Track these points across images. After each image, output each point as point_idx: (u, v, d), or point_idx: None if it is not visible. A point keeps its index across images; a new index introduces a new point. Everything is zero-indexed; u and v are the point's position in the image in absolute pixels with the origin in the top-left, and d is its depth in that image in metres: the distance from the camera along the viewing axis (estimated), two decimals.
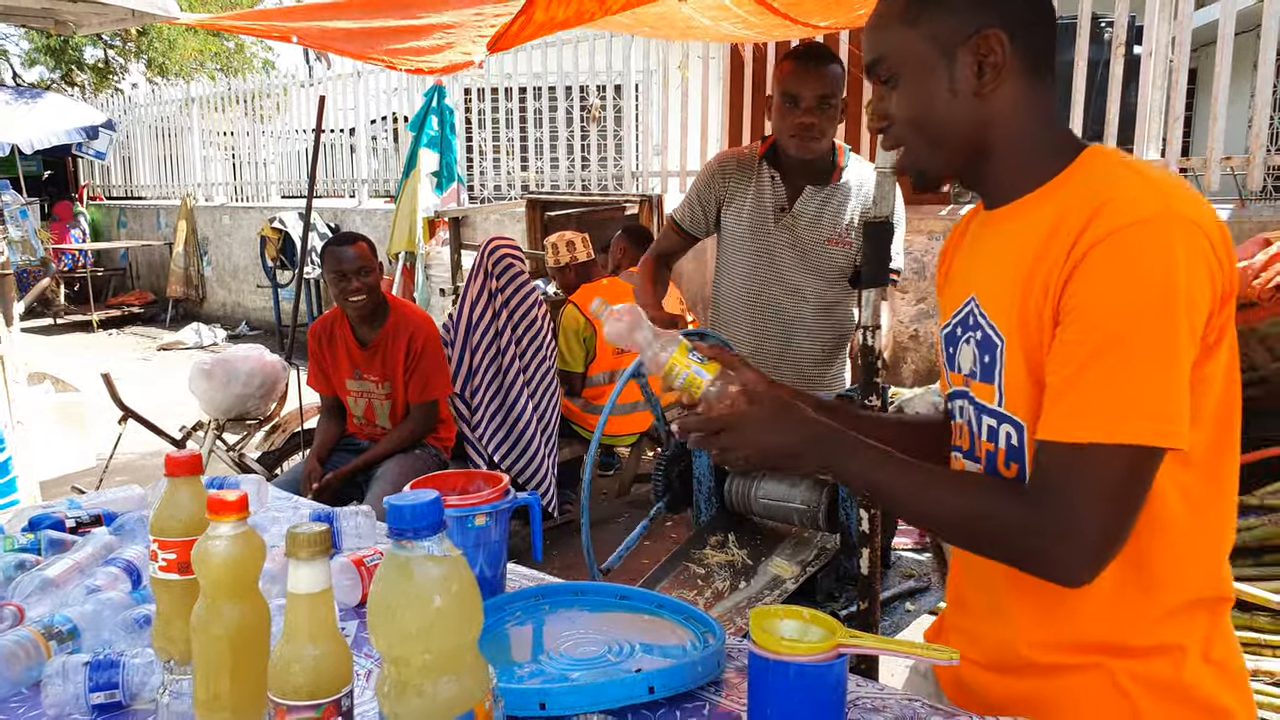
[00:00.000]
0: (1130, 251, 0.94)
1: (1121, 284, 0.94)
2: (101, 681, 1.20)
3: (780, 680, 1.10)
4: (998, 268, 1.08)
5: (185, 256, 10.98)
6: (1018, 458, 1.08)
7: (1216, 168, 4.52)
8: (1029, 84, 1.07)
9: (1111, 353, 0.94)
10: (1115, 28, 4.80)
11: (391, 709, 0.71)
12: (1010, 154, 1.09)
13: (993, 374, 1.08)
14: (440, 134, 6.85)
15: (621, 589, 1.50)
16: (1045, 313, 1.00)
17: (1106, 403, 0.94)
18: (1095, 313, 0.95)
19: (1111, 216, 0.95)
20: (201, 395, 3.81)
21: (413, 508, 0.71)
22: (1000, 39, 1.04)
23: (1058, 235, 1.00)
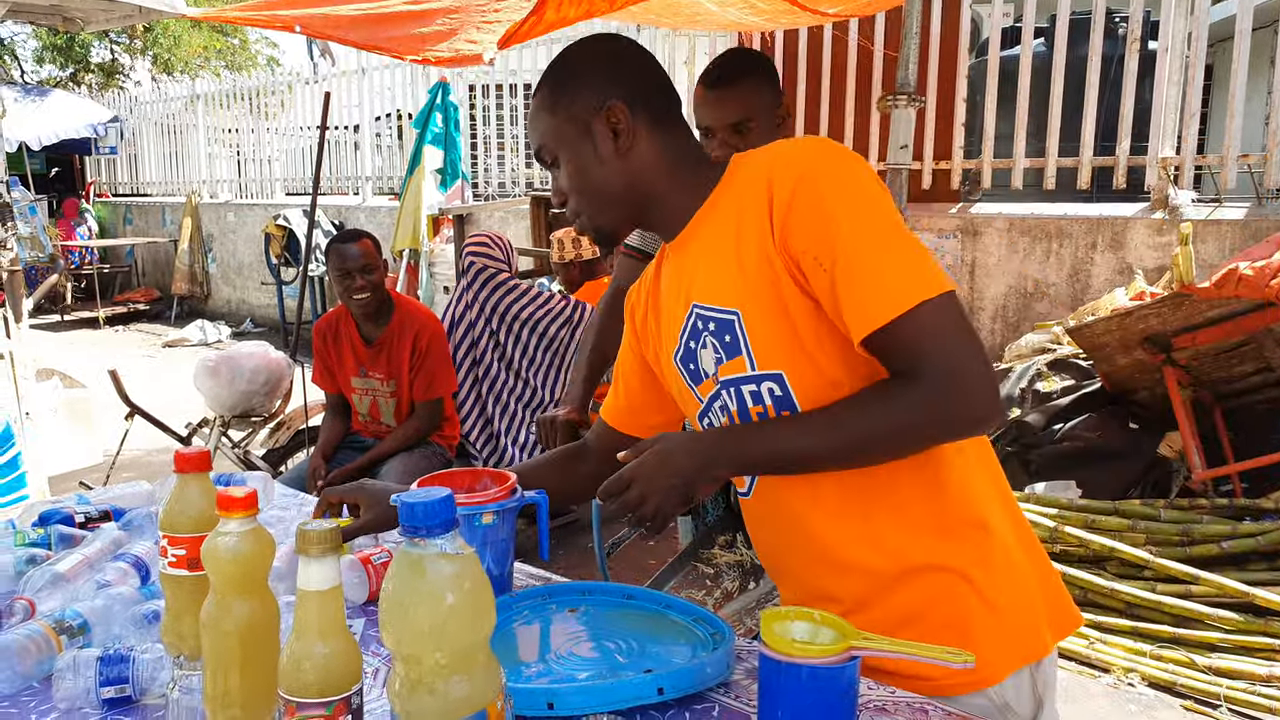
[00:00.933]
0: (819, 185, 1.11)
1: (831, 208, 1.10)
2: (112, 676, 1.20)
3: (791, 683, 1.09)
4: (706, 268, 1.22)
5: (190, 253, 11.00)
6: (787, 404, 1.19)
7: (1233, 166, 4.49)
8: (660, 135, 1.26)
9: (865, 252, 1.09)
10: (1130, 23, 4.77)
11: (404, 708, 0.70)
12: (668, 191, 1.26)
13: (737, 348, 1.20)
14: (445, 131, 6.85)
15: (629, 589, 1.49)
16: (776, 272, 1.14)
17: (906, 272, 1.08)
18: (829, 236, 1.09)
19: (785, 173, 1.13)
20: (207, 392, 3.81)
21: (425, 505, 0.70)
22: (621, 108, 1.23)
23: (747, 213, 1.16)
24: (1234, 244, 4.33)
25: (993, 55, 5.23)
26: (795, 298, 1.14)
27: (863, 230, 1.10)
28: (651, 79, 1.29)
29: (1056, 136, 5.03)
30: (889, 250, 1.09)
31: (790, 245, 1.12)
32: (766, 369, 1.18)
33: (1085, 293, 4.77)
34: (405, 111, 8.80)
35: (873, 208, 1.11)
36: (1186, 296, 3.36)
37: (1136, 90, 4.78)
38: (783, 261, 1.14)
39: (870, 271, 1.09)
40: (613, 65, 1.27)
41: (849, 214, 1.10)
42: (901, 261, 1.09)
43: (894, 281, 1.08)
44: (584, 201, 1.29)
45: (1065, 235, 4.85)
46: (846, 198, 1.11)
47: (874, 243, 1.09)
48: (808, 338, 1.16)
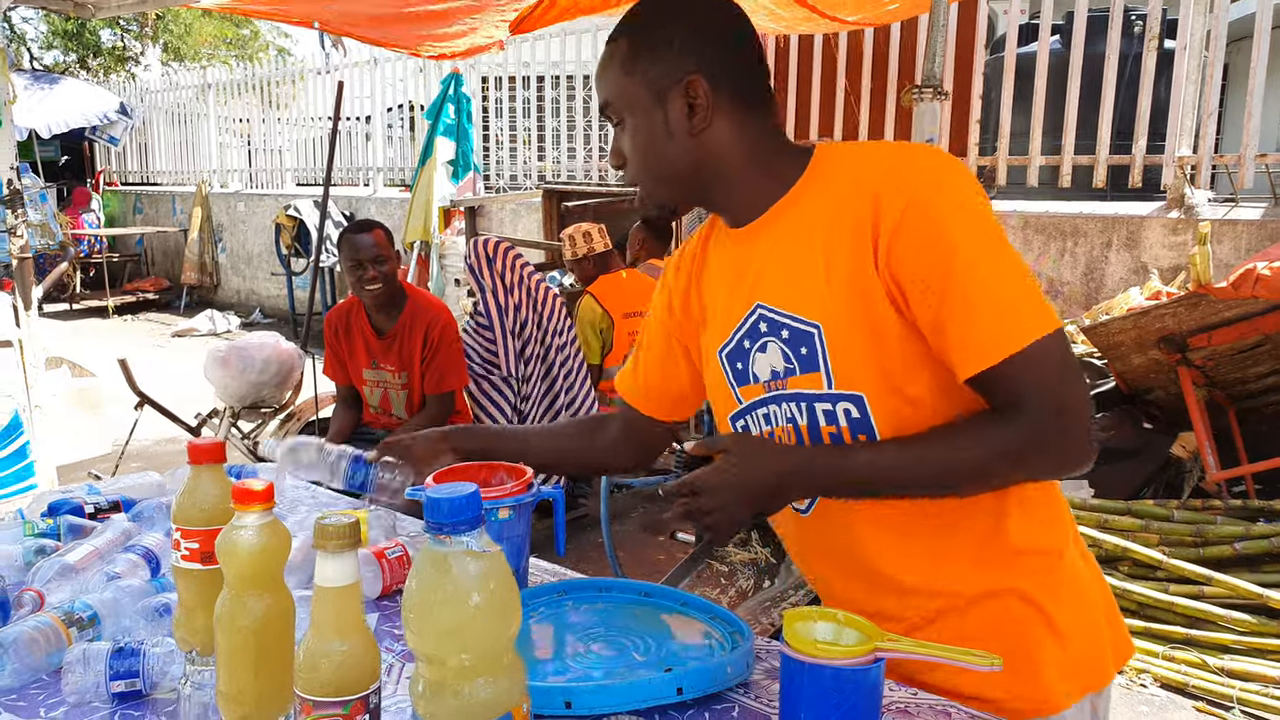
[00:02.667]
0: (933, 211, 1.04)
1: (945, 239, 1.03)
2: (122, 670, 1.18)
3: (815, 684, 1.07)
4: (781, 270, 1.15)
5: (200, 243, 11.00)
6: (864, 428, 1.13)
7: (1251, 165, 4.45)
8: (741, 117, 1.16)
9: (977, 288, 1.03)
10: (1148, 21, 4.73)
11: (427, 709, 0.68)
12: (742, 177, 1.17)
13: (815, 363, 1.13)
14: (457, 122, 6.83)
15: (646, 585, 1.47)
16: (871, 290, 1.07)
17: (1019, 308, 1.03)
18: (942, 269, 1.03)
19: (897, 193, 1.05)
20: (217, 383, 3.80)
21: (451, 501, 0.68)
22: (702, 84, 1.13)
23: (841, 223, 1.09)
24: (1250, 244, 4.29)
25: (1009, 52, 5.19)
26: (889, 320, 1.08)
27: (978, 262, 1.03)
28: (743, 53, 1.17)
29: (1073, 134, 4.98)
30: (1003, 284, 1.03)
31: (896, 270, 1.06)
32: (846, 389, 1.12)
33: (1100, 292, 4.74)
34: (417, 103, 8.79)
35: (988, 237, 1.05)
36: (1203, 296, 3.33)
37: (1154, 88, 4.74)
38: (883, 284, 1.07)
39: (983, 307, 1.03)
40: (702, 33, 1.15)
41: (966, 244, 1.03)
42: (1014, 297, 1.03)
43: (1007, 319, 1.03)
44: (644, 173, 1.21)
45: (1080, 233, 4.81)
46: (964, 225, 1.04)
47: (988, 276, 1.03)
48: (895, 361, 1.09)
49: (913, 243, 1.04)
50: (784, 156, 1.18)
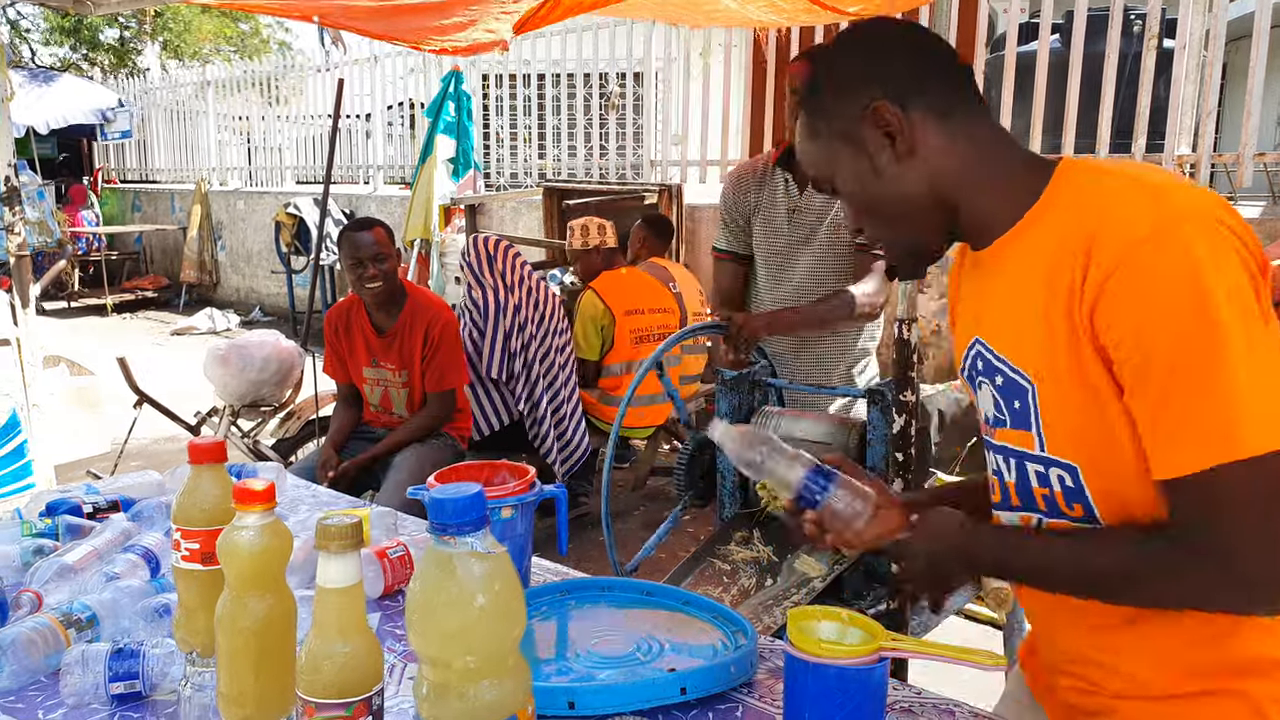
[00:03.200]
0: (1149, 271, 0.89)
1: (1156, 306, 0.88)
2: (121, 671, 1.18)
3: (819, 683, 1.06)
4: (1005, 309, 1.04)
5: (199, 241, 10.98)
6: (1078, 498, 1.02)
7: (1249, 164, 4.44)
8: (949, 128, 1.04)
9: (1182, 375, 0.88)
10: (1148, 20, 4.72)
11: (431, 712, 0.68)
12: (977, 191, 1.05)
13: (1027, 420, 1.03)
14: (457, 120, 6.81)
15: (649, 585, 1.46)
16: (1082, 350, 0.95)
17: (1205, 424, 0.88)
18: (1146, 341, 0.89)
19: (1114, 240, 0.91)
20: (216, 381, 3.79)
21: (455, 501, 0.67)
22: (887, 107, 1.03)
23: (1061, 266, 0.95)
24: None
25: (1009, 51, 5.19)
26: (1103, 378, 0.95)
27: (1189, 347, 0.87)
28: (923, 61, 1.06)
29: (1073, 133, 4.98)
30: (1217, 379, 0.87)
31: (1097, 322, 0.93)
32: (1059, 456, 1.02)
33: None
34: (417, 101, 8.77)
35: (1210, 320, 0.87)
36: None
37: (1153, 87, 4.73)
38: (1087, 334, 0.94)
39: (1187, 402, 0.88)
40: (867, 58, 1.06)
41: (1175, 322, 0.88)
42: (1228, 399, 0.87)
43: (1191, 432, 0.88)
44: (878, 226, 1.11)
45: None
46: (1179, 300, 0.87)
47: (1200, 366, 0.87)
48: (1118, 424, 0.96)
49: (1115, 302, 0.90)
50: (1017, 167, 1.05)
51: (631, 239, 4.60)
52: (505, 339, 3.67)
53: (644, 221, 4.61)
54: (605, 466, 1.99)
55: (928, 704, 1.20)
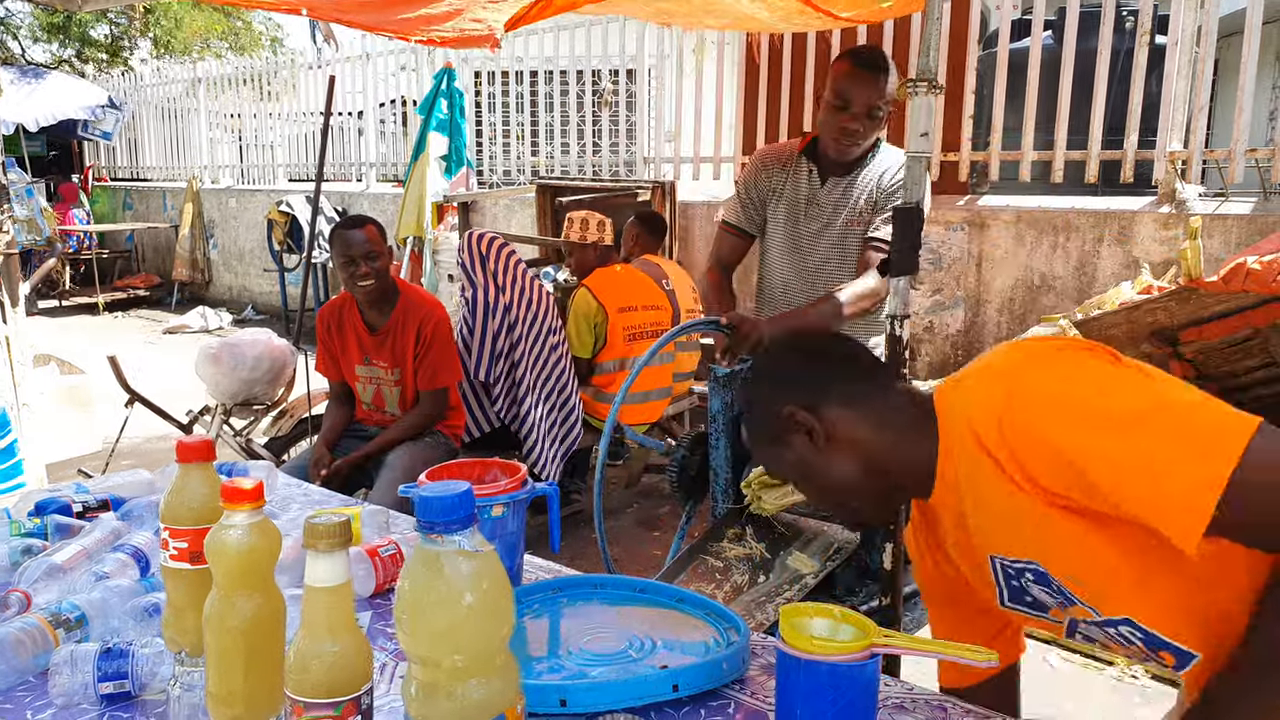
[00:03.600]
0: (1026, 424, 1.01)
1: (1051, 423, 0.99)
2: (110, 671, 1.17)
3: (811, 680, 1.06)
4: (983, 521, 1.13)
5: (191, 239, 10.94)
6: (1154, 642, 1.07)
7: (1241, 160, 4.45)
8: (855, 412, 1.20)
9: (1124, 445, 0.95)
10: (1139, 16, 4.73)
11: (419, 712, 0.67)
12: (896, 460, 1.19)
13: (1069, 597, 1.11)
14: (450, 118, 6.79)
15: (641, 582, 1.46)
16: (1053, 512, 1.02)
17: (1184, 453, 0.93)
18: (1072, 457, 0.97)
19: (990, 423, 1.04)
20: (208, 379, 3.77)
21: (443, 500, 0.66)
22: (796, 412, 1.21)
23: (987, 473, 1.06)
24: (1240, 239, 4.30)
25: (1002, 47, 5.19)
26: (1095, 535, 1.01)
27: (1102, 443, 0.95)
28: (822, 367, 1.26)
29: (1065, 129, 4.98)
30: (1143, 441, 0.94)
31: (1046, 487, 1.01)
32: (1112, 614, 1.08)
33: (1092, 286, 4.74)
34: (410, 98, 8.75)
35: (1092, 411, 0.97)
36: (1193, 291, 3.33)
37: (1145, 84, 4.74)
38: (1059, 503, 1.01)
39: (1145, 477, 0.93)
40: (775, 378, 1.27)
41: (1076, 440, 0.96)
42: (1170, 446, 0.93)
43: (1181, 473, 0.92)
44: (830, 503, 1.30)
45: (1072, 228, 4.81)
46: (1062, 426, 0.97)
47: (1125, 448, 0.94)
48: (1128, 573, 1.02)
49: (1031, 461, 1.00)
50: (916, 419, 1.18)
51: (624, 236, 4.59)
52: (493, 339, 3.66)
53: (637, 218, 4.60)
54: (598, 464, 1.99)
55: (920, 700, 1.20)
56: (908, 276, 1.74)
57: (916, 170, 1.75)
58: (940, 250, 5.20)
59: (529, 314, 3.69)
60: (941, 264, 5.20)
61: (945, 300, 5.24)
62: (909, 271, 1.73)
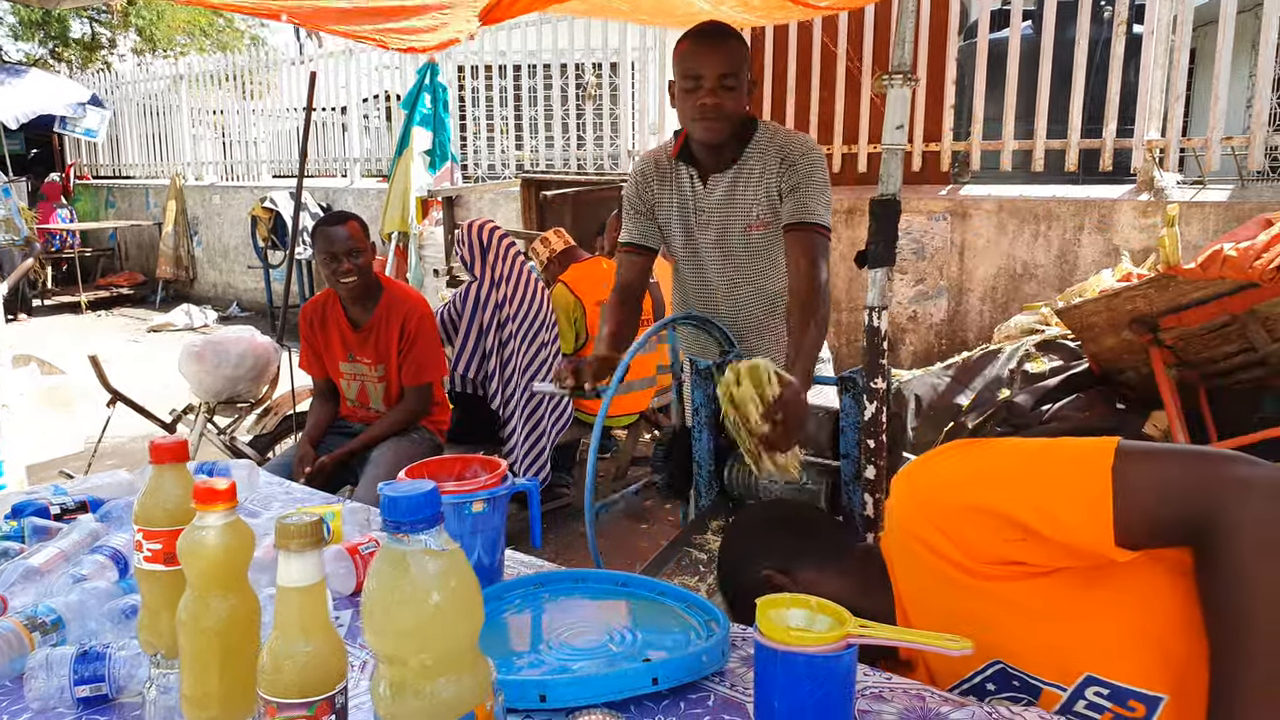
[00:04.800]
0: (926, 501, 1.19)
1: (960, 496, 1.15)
2: (87, 674, 1.16)
3: (788, 672, 1.07)
4: None
5: (175, 237, 10.86)
6: (1120, 696, 1.09)
7: (1217, 148, 4.48)
8: (825, 571, 1.33)
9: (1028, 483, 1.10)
10: (1116, 6, 4.75)
11: (388, 711, 0.68)
12: (865, 611, 1.19)
13: (1032, 684, 1.16)
14: (433, 112, 6.76)
15: (623, 576, 1.46)
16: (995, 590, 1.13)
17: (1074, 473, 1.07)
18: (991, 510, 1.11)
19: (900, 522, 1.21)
20: (191, 378, 3.76)
21: (409, 499, 0.66)
22: (775, 576, 1.33)
23: (926, 574, 1.19)
24: (1218, 226, 4.33)
25: (982, 38, 5.20)
26: (1038, 591, 1.10)
27: (1008, 489, 1.10)
28: (795, 531, 1.40)
29: (1044, 119, 5.01)
30: (1040, 475, 1.10)
31: (987, 555, 1.12)
32: (1073, 681, 1.12)
33: (1073, 274, 4.77)
34: (393, 93, 8.71)
35: (987, 467, 1.15)
36: (1172, 278, 3.35)
37: (1123, 73, 4.76)
38: (1001, 573, 1.12)
39: (1052, 497, 1.07)
40: (751, 543, 1.41)
41: (986, 494, 1.12)
42: (1060, 472, 1.08)
43: (1077, 487, 1.06)
44: None
45: (1053, 217, 4.84)
46: (970, 488, 1.14)
47: (1025, 481, 1.10)
48: (1078, 622, 1.10)
49: (969, 533, 1.12)
50: (876, 572, 1.30)
51: (608, 230, 4.59)
52: (478, 335, 3.65)
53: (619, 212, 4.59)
54: (590, 456, 1.99)
55: (898, 689, 1.20)
56: (883, 269, 1.75)
57: (893, 162, 1.76)
58: (923, 240, 5.22)
59: (523, 312, 3.68)
60: (924, 254, 5.22)
61: (928, 290, 5.26)
62: (886, 264, 1.74)
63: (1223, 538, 0.98)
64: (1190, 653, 1.03)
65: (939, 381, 4.03)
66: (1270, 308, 3.36)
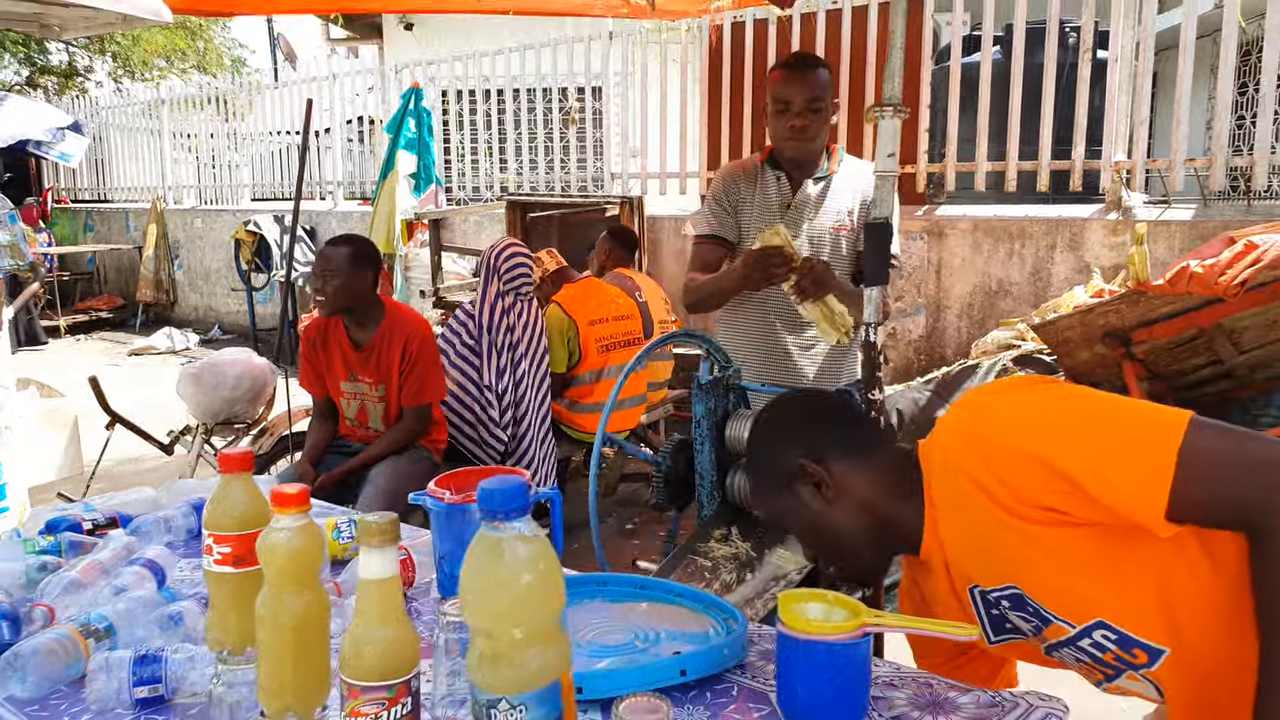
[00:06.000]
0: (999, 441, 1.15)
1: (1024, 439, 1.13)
2: (145, 676, 1.23)
3: (809, 659, 1.16)
4: (969, 561, 1.25)
5: (156, 260, 10.84)
6: (1126, 642, 1.15)
7: (1181, 169, 4.66)
8: (858, 467, 1.31)
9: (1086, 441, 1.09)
10: (1081, 33, 4.93)
11: (485, 680, 0.76)
12: (895, 515, 1.29)
13: (1044, 615, 1.20)
14: (418, 136, 6.85)
15: (641, 579, 1.55)
16: (1035, 531, 1.13)
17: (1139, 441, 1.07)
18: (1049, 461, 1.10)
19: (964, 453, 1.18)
20: (189, 399, 3.80)
21: (503, 491, 0.75)
22: (809, 465, 1.30)
23: (971, 507, 1.17)
24: (1183, 243, 4.50)
25: (954, 62, 5.36)
26: (1069, 544, 1.12)
27: (1069, 444, 1.09)
28: (827, 421, 1.36)
29: (1016, 141, 5.17)
30: (1105, 438, 1.09)
31: (1032, 500, 1.12)
32: (1084, 622, 1.17)
33: (1046, 291, 4.92)
34: (377, 117, 8.79)
35: (1053, 416, 1.13)
36: (1142, 293, 3.49)
37: (1090, 96, 4.93)
38: (1040, 518, 1.12)
39: (1111, 462, 1.07)
40: (783, 432, 1.37)
41: (1045, 444, 1.10)
42: (1127, 439, 1.08)
43: (1141, 460, 1.06)
44: (832, 557, 1.37)
45: (1026, 236, 4.99)
46: (1030, 434, 1.12)
47: (1092, 447, 1.08)
48: (1101, 572, 1.13)
49: (1016, 479, 1.11)
50: (907, 474, 1.29)
51: (597, 250, 4.69)
52: (498, 353, 3.72)
53: (609, 233, 4.70)
54: (591, 470, 2.08)
55: (908, 678, 1.29)
56: (879, 287, 1.85)
57: (885, 188, 1.87)
58: (901, 259, 5.35)
59: (527, 335, 3.76)
60: (902, 272, 5.36)
61: (907, 307, 5.40)
62: (881, 282, 1.84)
63: (1274, 533, 1.02)
64: (1201, 618, 1.11)
65: (920, 396, 4.15)
66: (1235, 322, 3.51)
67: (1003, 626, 1.28)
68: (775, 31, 5.99)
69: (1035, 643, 1.27)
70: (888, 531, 1.30)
